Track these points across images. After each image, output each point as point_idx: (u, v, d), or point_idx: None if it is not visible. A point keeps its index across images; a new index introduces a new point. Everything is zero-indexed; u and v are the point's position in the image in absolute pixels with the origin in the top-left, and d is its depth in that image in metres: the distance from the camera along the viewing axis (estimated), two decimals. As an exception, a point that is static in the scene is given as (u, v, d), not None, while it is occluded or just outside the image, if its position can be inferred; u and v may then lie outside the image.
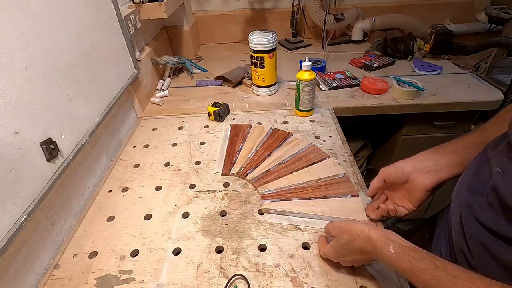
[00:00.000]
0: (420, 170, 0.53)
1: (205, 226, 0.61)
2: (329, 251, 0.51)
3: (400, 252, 0.39)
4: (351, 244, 0.46)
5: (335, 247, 0.50)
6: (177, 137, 0.88)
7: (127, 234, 0.61)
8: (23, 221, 0.50)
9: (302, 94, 0.89)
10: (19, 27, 0.53)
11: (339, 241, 0.49)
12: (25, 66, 0.54)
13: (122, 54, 0.90)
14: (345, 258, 0.50)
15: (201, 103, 1.04)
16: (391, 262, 0.40)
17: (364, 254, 0.45)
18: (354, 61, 1.27)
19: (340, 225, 0.50)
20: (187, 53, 1.41)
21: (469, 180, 0.45)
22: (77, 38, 0.69)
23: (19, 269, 0.53)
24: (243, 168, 0.75)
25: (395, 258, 0.39)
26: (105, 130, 0.83)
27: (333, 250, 0.51)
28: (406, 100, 1.00)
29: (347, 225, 0.48)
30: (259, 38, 0.95)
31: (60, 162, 0.61)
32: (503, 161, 0.40)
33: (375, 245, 0.42)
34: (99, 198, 0.70)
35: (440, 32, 1.17)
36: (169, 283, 0.52)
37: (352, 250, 0.47)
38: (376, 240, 0.42)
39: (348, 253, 0.48)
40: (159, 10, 0.99)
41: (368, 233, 0.44)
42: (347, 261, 0.50)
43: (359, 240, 0.45)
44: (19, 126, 0.52)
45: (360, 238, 0.45)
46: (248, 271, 0.53)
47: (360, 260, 0.48)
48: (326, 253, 0.52)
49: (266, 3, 1.50)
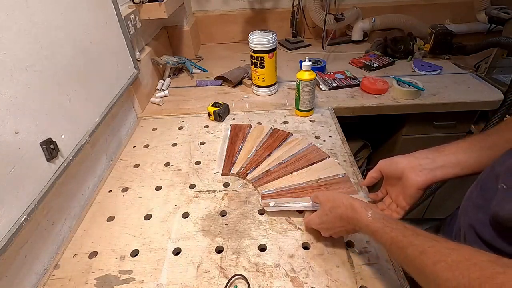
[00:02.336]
0: (414, 167, 0.52)
1: (205, 226, 0.61)
2: (313, 218, 0.56)
3: (376, 217, 0.44)
4: (334, 211, 0.51)
5: (319, 214, 0.54)
6: (177, 137, 0.88)
7: (127, 234, 0.61)
8: (23, 221, 0.50)
9: (302, 94, 0.89)
10: (19, 27, 0.53)
11: (323, 208, 0.53)
12: (25, 66, 0.54)
13: (122, 54, 0.90)
14: (325, 226, 0.54)
15: (201, 103, 1.04)
16: (367, 224, 0.44)
17: (343, 220, 0.49)
18: (354, 61, 1.27)
19: (328, 193, 0.56)
20: (187, 53, 1.41)
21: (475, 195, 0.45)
22: (77, 38, 0.69)
23: (19, 269, 0.53)
24: (243, 168, 0.75)
25: (370, 220, 0.44)
26: (105, 130, 0.83)
27: (316, 217, 0.55)
28: (406, 100, 1.00)
29: (333, 194, 0.54)
30: (259, 38, 0.95)
31: (60, 162, 0.61)
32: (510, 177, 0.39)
33: (355, 211, 0.46)
34: (99, 198, 0.70)
35: (440, 32, 1.17)
36: (169, 283, 0.52)
37: (334, 216, 0.51)
38: (357, 207, 0.47)
39: (329, 219, 0.52)
40: (159, 10, 0.99)
41: (352, 202, 0.48)
42: (327, 228, 0.54)
43: (342, 207, 0.49)
44: (19, 126, 0.52)
45: (343, 205, 0.49)
46: (248, 271, 0.53)
47: (339, 227, 0.51)
48: (310, 220, 0.57)
49: (266, 3, 1.50)
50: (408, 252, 0.37)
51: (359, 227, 0.46)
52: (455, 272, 0.31)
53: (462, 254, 0.32)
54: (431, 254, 0.34)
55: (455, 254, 0.32)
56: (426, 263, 0.34)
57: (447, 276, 0.31)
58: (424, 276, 0.35)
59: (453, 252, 0.33)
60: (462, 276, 0.30)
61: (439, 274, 0.32)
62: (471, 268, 0.30)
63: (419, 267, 0.35)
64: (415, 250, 0.36)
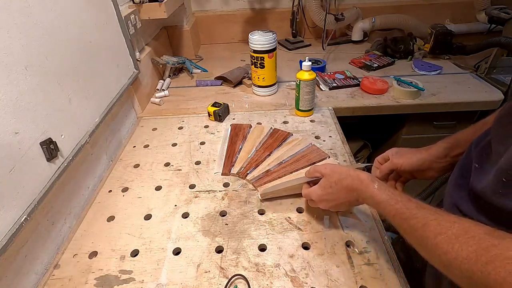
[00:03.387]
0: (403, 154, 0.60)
1: (205, 226, 0.61)
2: (314, 189, 0.55)
3: (382, 188, 0.46)
4: (339, 182, 0.51)
5: (322, 185, 0.54)
6: (177, 137, 0.88)
7: (127, 234, 0.61)
8: (23, 221, 0.50)
9: (302, 94, 0.89)
10: (19, 27, 0.53)
11: (328, 180, 0.53)
12: (25, 66, 0.54)
13: (122, 54, 0.90)
14: (328, 197, 0.53)
15: (201, 103, 1.04)
16: (373, 195, 0.45)
17: (349, 192, 0.50)
18: (354, 61, 1.27)
19: (332, 166, 0.55)
20: (187, 53, 1.41)
21: (456, 177, 0.49)
22: (77, 38, 0.69)
23: (19, 269, 0.53)
24: (243, 168, 0.75)
25: (376, 192, 0.45)
26: (105, 130, 0.83)
27: (319, 188, 0.54)
28: (406, 100, 1.00)
29: (338, 166, 0.55)
30: (259, 38, 0.95)
31: (60, 162, 0.61)
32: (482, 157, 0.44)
33: (362, 182, 0.48)
34: (99, 198, 0.70)
35: (440, 32, 1.17)
36: (169, 283, 0.52)
37: (339, 188, 0.51)
38: (364, 178, 0.48)
39: (334, 191, 0.52)
40: (159, 10, 0.99)
41: (359, 174, 0.50)
42: (329, 200, 0.53)
43: (349, 178, 0.50)
44: (19, 126, 0.52)
45: (350, 177, 0.50)
46: (248, 271, 0.53)
47: (343, 199, 0.52)
48: (311, 192, 0.56)
49: (266, 3, 1.50)
50: (411, 223, 0.39)
51: (363, 198, 0.48)
52: (455, 245, 0.33)
53: (461, 227, 0.34)
54: (432, 226, 0.36)
55: (455, 227, 0.34)
56: (428, 235, 0.36)
57: (447, 248, 0.33)
58: (426, 247, 0.37)
59: (454, 225, 0.34)
60: (461, 249, 0.32)
61: (439, 246, 0.34)
62: (470, 241, 0.32)
63: (421, 239, 0.37)
64: (418, 222, 0.38)
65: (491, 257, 0.30)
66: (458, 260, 0.32)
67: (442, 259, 0.34)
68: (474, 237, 0.32)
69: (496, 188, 0.39)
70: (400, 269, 0.52)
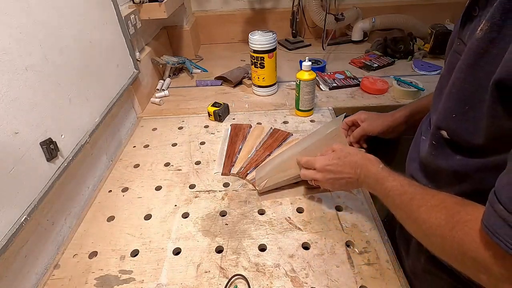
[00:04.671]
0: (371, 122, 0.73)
1: (205, 226, 0.61)
2: (320, 159, 0.58)
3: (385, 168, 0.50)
4: (348, 156, 0.55)
5: (330, 157, 0.57)
6: (177, 137, 0.88)
7: (127, 234, 0.61)
8: (23, 221, 0.50)
9: (302, 94, 0.89)
10: (19, 27, 0.53)
11: (337, 153, 0.57)
12: (25, 66, 0.54)
13: (122, 54, 0.90)
14: (332, 168, 0.56)
15: (201, 103, 1.04)
16: (376, 173, 0.50)
17: (354, 168, 0.53)
18: (354, 61, 1.27)
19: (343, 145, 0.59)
20: (187, 53, 1.41)
21: (411, 151, 0.57)
22: (77, 38, 0.69)
23: (19, 269, 0.53)
24: (243, 168, 0.75)
25: (380, 170, 0.49)
26: (105, 130, 0.83)
27: (325, 159, 0.57)
28: (406, 100, 0.99)
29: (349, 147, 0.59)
30: (259, 38, 0.95)
31: (60, 162, 0.61)
32: (426, 130, 0.52)
33: (370, 160, 0.52)
34: (99, 198, 0.70)
35: (440, 32, 1.17)
36: (169, 283, 0.52)
37: (346, 161, 0.54)
38: (372, 158, 0.53)
39: (340, 163, 0.55)
40: (159, 10, 0.99)
41: (367, 155, 0.54)
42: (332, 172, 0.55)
43: (359, 155, 0.54)
44: (19, 126, 0.52)
45: (359, 155, 0.54)
46: (248, 271, 0.53)
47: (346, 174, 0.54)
48: (316, 160, 0.58)
49: (266, 3, 1.50)
50: (402, 199, 0.43)
51: (365, 176, 0.51)
52: (432, 214, 0.38)
53: (439, 199, 0.39)
54: (417, 200, 0.41)
55: (434, 199, 0.39)
56: (413, 208, 0.41)
57: (426, 217, 0.38)
58: (411, 219, 0.41)
59: (433, 198, 0.39)
60: (435, 217, 0.37)
61: (421, 216, 0.39)
62: (442, 210, 0.37)
63: (407, 212, 0.42)
64: (407, 197, 0.43)
65: (455, 222, 0.35)
66: (433, 228, 0.37)
67: (423, 229, 0.39)
68: (446, 207, 0.37)
69: (430, 151, 0.48)
70: (400, 269, 0.52)
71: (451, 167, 0.44)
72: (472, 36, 0.37)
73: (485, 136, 0.38)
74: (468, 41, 0.39)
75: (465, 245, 0.33)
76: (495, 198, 0.30)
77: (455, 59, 0.42)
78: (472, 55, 0.37)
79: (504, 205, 0.29)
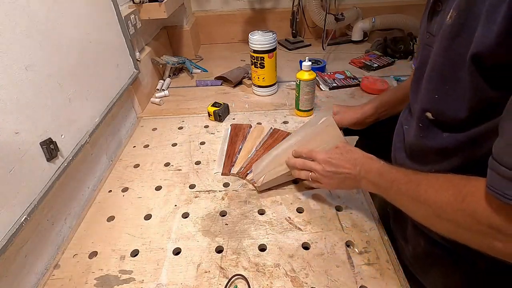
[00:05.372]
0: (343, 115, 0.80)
1: (205, 226, 0.61)
2: (320, 151, 0.59)
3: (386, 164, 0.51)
4: (350, 153, 0.56)
5: (331, 151, 0.58)
6: (177, 137, 0.88)
7: (127, 234, 0.61)
8: (23, 221, 0.50)
9: (302, 94, 0.89)
10: (19, 27, 0.53)
11: (340, 149, 0.58)
12: (25, 66, 0.54)
13: (122, 54, 0.90)
14: (333, 161, 0.56)
15: (201, 103, 1.04)
16: (379, 167, 0.51)
17: (355, 165, 0.54)
18: (354, 61, 1.27)
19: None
20: (187, 53, 1.41)
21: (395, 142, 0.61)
22: (77, 38, 0.69)
23: (19, 269, 0.53)
24: (243, 168, 0.75)
25: (381, 165, 0.51)
26: (105, 130, 0.83)
27: (327, 153, 0.58)
28: (406, 100, 0.99)
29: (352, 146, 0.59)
30: (259, 38, 0.95)
31: (60, 162, 0.61)
32: (407, 120, 0.56)
33: (371, 158, 0.54)
34: (99, 198, 0.70)
35: (440, 32, 1.17)
36: (169, 283, 0.52)
37: (347, 157, 0.55)
38: (373, 157, 0.54)
39: (341, 157, 0.56)
40: (159, 10, 0.99)
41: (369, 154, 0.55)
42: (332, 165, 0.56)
43: (360, 153, 0.55)
44: (19, 126, 0.52)
45: (361, 153, 0.55)
46: (248, 271, 0.53)
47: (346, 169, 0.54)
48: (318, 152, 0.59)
49: (266, 3, 1.50)
50: (408, 186, 0.44)
51: (366, 171, 0.52)
52: (441, 193, 0.39)
53: (444, 179, 0.40)
54: (424, 185, 0.42)
55: (440, 180, 0.40)
56: (420, 192, 0.42)
57: (436, 198, 0.39)
58: (420, 202, 0.42)
59: (439, 179, 0.41)
60: (444, 195, 0.38)
61: (430, 198, 0.40)
62: (450, 187, 0.38)
63: (414, 197, 0.43)
64: (413, 184, 0.44)
65: (464, 195, 0.36)
66: (444, 206, 0.38)
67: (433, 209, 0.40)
68: (453, 184, 0.38)
69: (417, 134, 0.50)
70: (400, 269, 0.52)
71: (441, 145, 0.47)
72: (442, 25, 0.42)
73: (468, 109, 0.41)
74: (437, 32, 0.44)
75: (477, 214, 0.34)
76: (496, 163, 0.31)
77: (428, 51, 0.46)
78: (446, 39, 0.41)
79: (507, 166, 0.30)
